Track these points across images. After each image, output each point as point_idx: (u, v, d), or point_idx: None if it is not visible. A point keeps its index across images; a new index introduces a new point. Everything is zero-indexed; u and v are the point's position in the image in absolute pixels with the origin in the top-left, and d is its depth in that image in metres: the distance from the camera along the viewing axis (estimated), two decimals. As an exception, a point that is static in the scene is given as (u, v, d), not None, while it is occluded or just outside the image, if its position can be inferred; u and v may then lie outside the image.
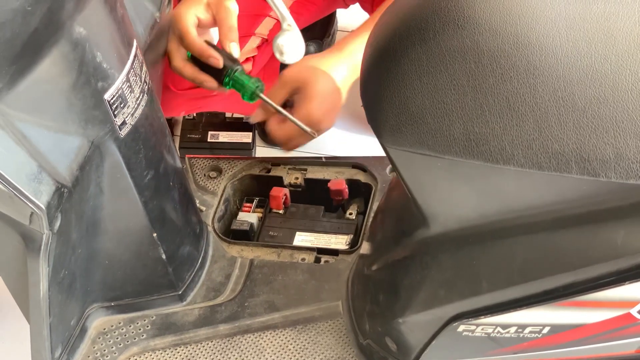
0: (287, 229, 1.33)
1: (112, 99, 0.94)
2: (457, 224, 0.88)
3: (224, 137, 1.92)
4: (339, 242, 1.30)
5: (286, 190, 1.34)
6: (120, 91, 0.95)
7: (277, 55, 0.75)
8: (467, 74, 0.75)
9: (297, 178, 1.37)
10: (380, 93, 0.81)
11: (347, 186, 1.33)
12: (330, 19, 2.01)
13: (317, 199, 1.36)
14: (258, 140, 1.95)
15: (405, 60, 0.78)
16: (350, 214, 1.32)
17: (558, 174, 0.74)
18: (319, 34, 2.00)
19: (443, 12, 0.76)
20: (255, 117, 1.32)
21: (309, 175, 1.37)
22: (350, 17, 1.94)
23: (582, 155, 0.73)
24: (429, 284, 0.93)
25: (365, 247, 1.10)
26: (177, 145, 1.93)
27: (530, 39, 0.73)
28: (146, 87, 1.01)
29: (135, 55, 0.98)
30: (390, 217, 1.04)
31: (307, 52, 1.81)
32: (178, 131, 1.96)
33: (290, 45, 0.76)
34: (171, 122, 2.00)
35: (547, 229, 0.83)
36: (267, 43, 1.54)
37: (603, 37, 0.71)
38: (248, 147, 1.91)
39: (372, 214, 1.28)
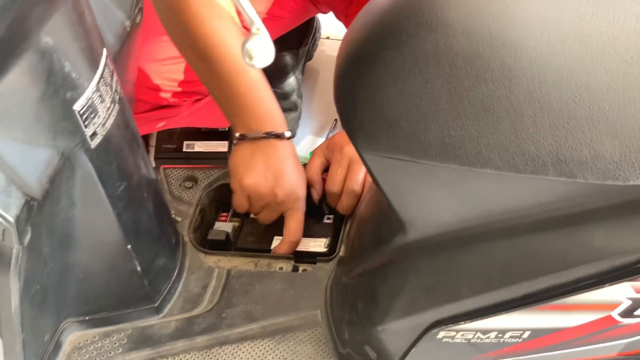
0: (264, 233, 1.31)
1: (82, 109, 0.92)
2: (435, 229, 0.87)
3: (200, 146, 1.89)
4: (318, 245, 1.28)
5: None
6: (90, 101, 0.93)
7: (246, 60, 0.74)
8: (441, 77, 0.74)
9: (273, 186, 1.35)
10: (354, 98, 0.79)
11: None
12: (307, 28, 1.99)
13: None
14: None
15: (378, 64, 0.77)
16: (329, 218, 1.31)
17: (535, 177, 0.73)
18: (294, 43, 1.98)
19: (416, 14, 0.75)
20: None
21: None
22: (335, 25, 1.93)
23: (558, 157, 0.72)
24: (407, 291, 0.91)
25: (343, 254, 1.09)
26: (152, 156, 1.91)
27: (504, 40, 0.72)
28: (117, 96, 1.00)
29: (105, 64, 0.97)
30: (368, 223, 1.03)
31: (283, 63, 1.80)
32: (153, 142, 1.94)
33: (260, 49, 0.74)
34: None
35: (526, 232, 0.82)
36: None
37: (577, 37, 0.70)
38: (224, 156, 1.87)
39: (350, 218, 1.27)
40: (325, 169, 1.32)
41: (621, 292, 0.82)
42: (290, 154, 1.27)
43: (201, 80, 1.34)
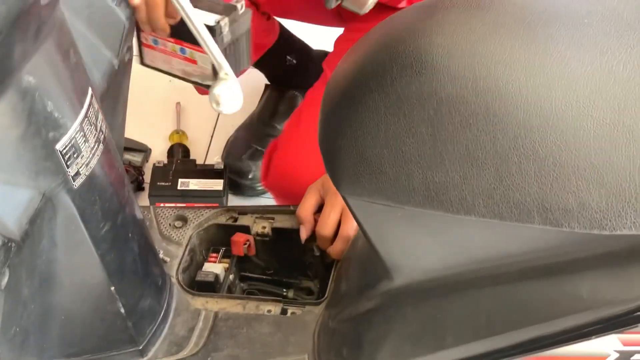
0: None
1: (64, 149, 0.91)
2: (421, 276, 0.85)
3: (195, 184, 1.89)
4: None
5: (250, 238, 1.31)
6: (73, 141, 0.92)
7: (214, 106, 0.73)
8: (425, 122, 0.73)
9: (264, 227, 1.33)
10: (338, 142, 0.78)
11: None
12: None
13: (284, 248, 1.33)
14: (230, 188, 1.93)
15: (362, 108, 0.76)
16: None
17: (520, 224, 0.72)
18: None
19: (401, 57, 0.74)
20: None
21: (277, 224, 1.34)
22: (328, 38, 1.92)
23: (544, 205, 0.70)
24: (393, 338, 0.89)
25: (330, 297, 1.07)
26: (146, 193, 1.90)
27: (489, 85, 0.70)
28: (102, 136, 0.98)
29: (90, 104, 0.95)
30: (355, 267, 1.01)
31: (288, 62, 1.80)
32: (148, 179, 1.93)
33: (228, 95, 0.73)
34: (141, 170, 1.97)
35: (512, 281, 0.80)
36: None
37: (563, 83, 0.69)
38: (219, 195, 1.87)
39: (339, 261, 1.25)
40: (319, 208, 1.30)
41: (609, 345, 0.80)
42: None
43: None
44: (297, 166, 1.56)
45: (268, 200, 1.78)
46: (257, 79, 2.11)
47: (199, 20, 0.71)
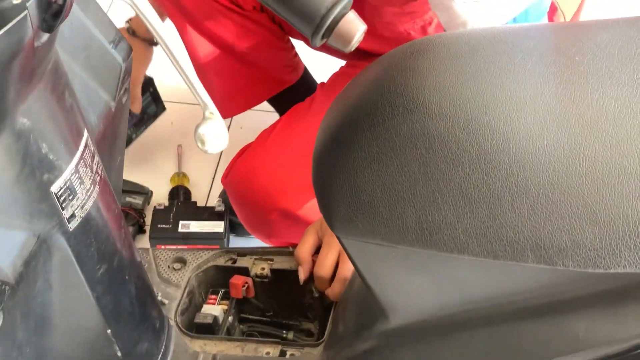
0: None
1: (59, 191, 0.91)
2: (416, 316, 0.84)
3: (196, 226, 1.88)
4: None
5: (248, 280, 1.30)
6: (68, 183, 0.92)
7: (199, 145, 0.73)
8: (417, 160, 0.72)
9: (263, 268, 1.33)
10: (331, 182, 0.78)
11: None
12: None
13: (284, 289, 1.32)
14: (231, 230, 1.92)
15: (355, 147, 0.75)
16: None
17: (514, 263, 0.71)
18: None
19: (392, 96, 0.74)
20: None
21: (276, 266, 1.33)
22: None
23: (537, 243, 0.69)
24: (389, 381, 0.88)
25: (328, 338, 1.06)
26: (147, 235, 1.89)
27: (481, 123, 0.70)
28: (98, 177, 0.98)
29: (85, 146, 0.95)
30: (351, 308, 1.00)
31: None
32: (149, 221, 1.93)
33: (212, 134, 0.73)
34: (142, 212, 1.97)
35: (508, 321, 0.79)
36: None
37: (555, 120, 0.69)
38: (220, 237, 1.87)
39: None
40: (317, 250, 1.30)
41: (606, 384, 0.79)
42: None
43: None
44: (257, 171, 1.57)
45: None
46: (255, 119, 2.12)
47: (184, 60, 0.72)
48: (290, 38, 1.83)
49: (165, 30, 0.71)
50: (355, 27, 0.78)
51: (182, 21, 1.68)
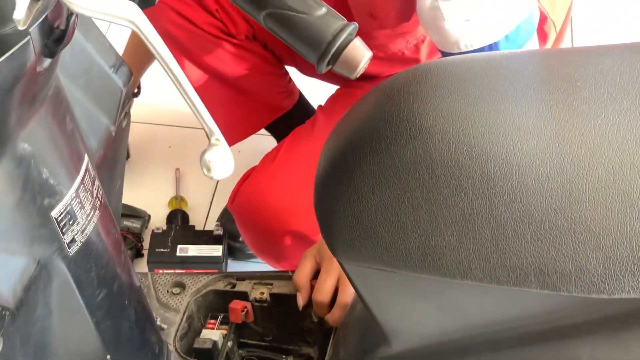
0: None
1: (59, 216, 0.90)
2: (419, 342, 0.84)
3: (194, 250, 1.88)
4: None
5: (247, 304, 1.30)
6: (69, 208, 0.91)
7: (205, 172, 0.73)
8: (420, 186, 0.72)
9: (262, 293, 1.32)
10: (333, 207, 0.78)
11: None
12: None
13: (283, 314, 1.31)
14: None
15: (357, 173, 0.75)
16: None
17: (518, 289, 0.71)
18: None
19: (395, 121, 0.74)
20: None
21: (275, 290, 1.33)
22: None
23: (541, 269, 0.69)
24: (391, 407, 0.88)
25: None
26: (145, 259, 1.89)
27: (484, 148, 0.70)
28: (98, 202, 0.98)
29: (86, 171, 0.95)
30: (353, 333, 1.00)
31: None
32: (147, 245, 1.92)
33: (219, 161, 0.73)
34: (140, 236, 1.96)
35: (511, 347, 0.79)
36: None
37: (558, 146, 0.69)
38: (218, 261, 1.87)
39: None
40: (315, 275, 1.30)
41: (609, 410, 0.78)
42: None
43: None
44: (265, 193, 1.56)
45: (267, 266, 1.76)
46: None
47: (189, 86, 0.72)
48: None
49: (169, 55, 0.71)
50: (361, 54, 0.79)
51: (177, 54, 1.68)
